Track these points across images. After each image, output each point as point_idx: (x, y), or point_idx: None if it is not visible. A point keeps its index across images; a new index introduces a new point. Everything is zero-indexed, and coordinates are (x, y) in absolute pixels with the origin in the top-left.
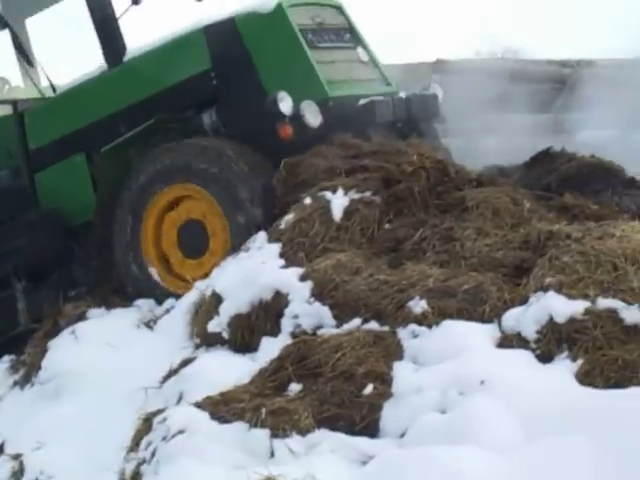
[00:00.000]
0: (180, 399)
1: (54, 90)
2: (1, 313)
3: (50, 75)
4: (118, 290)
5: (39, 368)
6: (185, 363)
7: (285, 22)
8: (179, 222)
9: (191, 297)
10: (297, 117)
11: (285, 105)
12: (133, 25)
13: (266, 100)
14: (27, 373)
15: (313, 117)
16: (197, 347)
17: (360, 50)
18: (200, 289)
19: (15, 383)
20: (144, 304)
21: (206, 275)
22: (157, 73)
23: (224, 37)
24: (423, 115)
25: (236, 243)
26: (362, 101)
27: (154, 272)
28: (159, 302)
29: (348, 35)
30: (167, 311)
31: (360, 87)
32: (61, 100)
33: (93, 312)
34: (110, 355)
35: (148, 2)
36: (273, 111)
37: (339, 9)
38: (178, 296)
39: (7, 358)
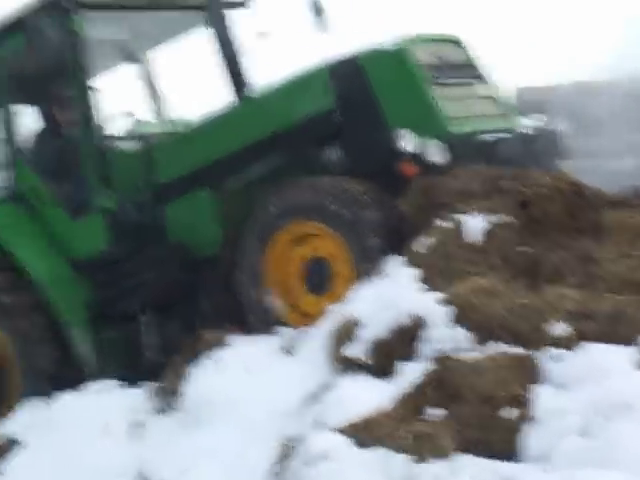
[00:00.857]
0: (320, 424)
1: (182, 125)
2: (127, 346)
3: (179, 109)
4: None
5: (180, 394)
6: (324, 388)
7: (407, 60)
8: (305, 257)
9: (329, 322)
10: (420, 155)
11: (407, 143)
12: (260, 60)
13: (389, 138)
14: (168, 400)
15: (437, 155)
16: (336, 372)
17: (481, 85)
18: (338, 314)
19: (156, 409)
20: (283, 330)
21: (325, 312)
22: (282, 110)
23: (348, 75)
24: (546, 152)
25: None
26: (485, 138)
27: (274, 302)
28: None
29: (469, 70)
30: (305, 337)
31: (482, 123)
32: (189, 135)
33: (233, 338)
34: (250, 381)
35: (274, 36)
36: (396, 149)
37: (459, 45)
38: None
39: (146, 384)
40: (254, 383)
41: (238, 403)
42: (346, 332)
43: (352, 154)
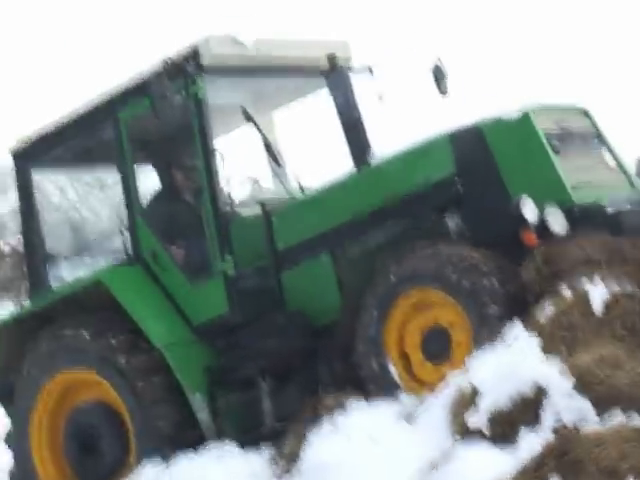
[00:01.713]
0: None
1: (302, 191)
2: (246, 411)
3: (299, 175)
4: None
5: (299, 459)
6: (445, 458)
7: (531, 129)
8: (424, 326)
9: (449, 391)
10: (542, 224)
11: (529, 211)
12: (381, 124)
13: (510, 207)
14: (287, 464)
15: (558, 224)
16: (456, 441)
17: (606, 154)
18: (458, 383)
19: (275, 475)
20: (403, 397)
21: (443, 383)
22: (403, 177)
23: (470, 144)
24: None
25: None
26: (609, 209)
27: (393, 371)
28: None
29: (594, 139)
30: (426, 405)
31: (606, 192)
32: (309, 202)
33: (353, 404)
34: (370, 448)
35: (396, 101)
36: (517, 218)
37: (585, 113)
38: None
39: (267, 451)
40: (374, 450)
41: (358, 470)
42: (466, 401)
43: (473, 222)
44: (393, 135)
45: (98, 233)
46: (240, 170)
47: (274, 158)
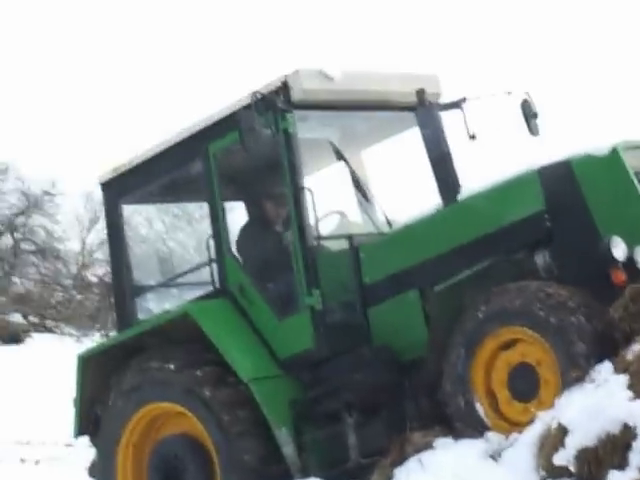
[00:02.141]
0: None
1: (390, 225)
2: (332, 446)
3: (386, 210)
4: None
5: None
6: None
7: (620, 166)
8: (512, 363)
9: (536, 429)
10: (631, 263)
11: (618, 250)
12: (470, 161)
13: (600, 244)
14: None
15: None
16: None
17: None
18: (545, 421)
19: None
20: (491, 435)
21: (530, 421)
22: (491, 213)
23: (559, 179)
24: None
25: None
26: None
27: (480, 409)
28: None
29: None
30: (512, 443)
31: None
32: (397, 236)
33: (440, 441)
34: None
35: (486, 138)
36: (606, 256)
37: None
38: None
39: None
40: None
41: None
42: (553, 439)
43: (561, 259)
44: (482, 172)
45: (185, 265)
46: (329, 205)
47: (363, 194)
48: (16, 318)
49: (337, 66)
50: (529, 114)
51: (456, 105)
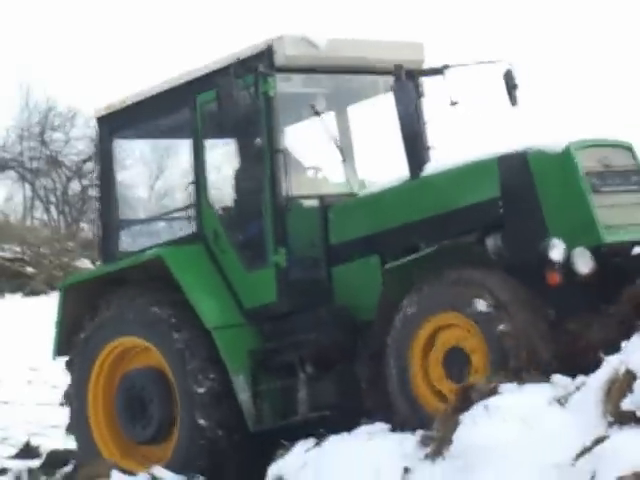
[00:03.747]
0: (593, 478)
1: (363, 186)
2: (284, 398)
3: (364, 169)
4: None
5: (450, 442)
6: (598, 441)
7: (571, 165)
8: (446, 346)
9: (604, 373)
10: (567, 264)
11: (556, 252)
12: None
13: (539, 245)
14: (438, 447)
15: (584, 265)
16: (610, 425)
17: None
18: (613, 365)
19: (426, 456)
20: (559, 379)
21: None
22: (450, 193)
23: (515, 169)
24: None
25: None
26: (636, 249)
27: (415, 385)
28: (572, 377)
29: (635, 177)
30: (579, 388)
31: (638, 232)
32: (363, 202)
33: (505, 387)
34: (522, 431)
35: (465, 106)
36: (544, 257)
37: (630, 150)
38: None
39: (419, 433)
40: (527, 434)
41: (511, 453)
42: (621, 385)
43: (511, 245)
44: (461, 139)
45: (171, 204)
46: (307, 160)
47: (341, 151)
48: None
49: (321, 33)
50: (511, 84)
51: (438, 71)
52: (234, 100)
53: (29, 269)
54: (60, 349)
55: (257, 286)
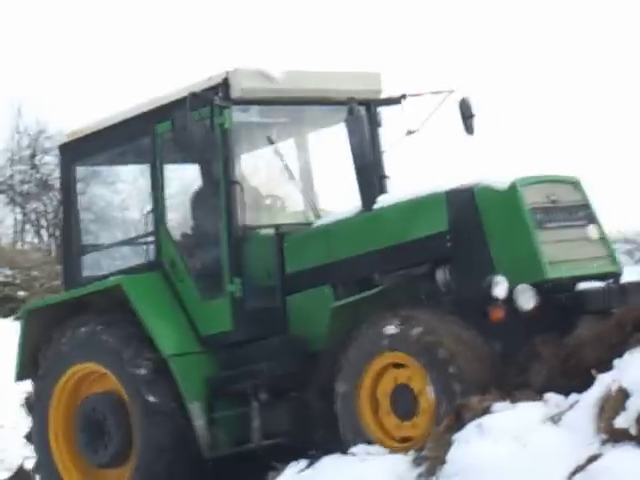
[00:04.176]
0: None
1: (318, 216)
2: (238, 426)
3: (320, 198)
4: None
5: (444, 462)
6: (591, 460)
7: (516, 201)
8: (394, 383)
9: (596, 391)
10: (510, 300)
11: (499, 289)
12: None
13: (482, 282)
14: (431, 467)
15: (526, 301)
16: (603, 443)
17: (591, 227)
18: (605, 383)
19: (419, 476)
20: (550, 397)
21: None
22: (400, 226)
23: (462, 204)
24: None
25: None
26: (579, 285)
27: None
28: (566, 395)
29: (581, 212)
30: (572, 406)
31: (582, 268)
32: (317, 232)
33: (498, 405)
34: (515, 450)
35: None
36: (487, 294)
37: (577, 185)
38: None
39: (411, 452)
40: (520, 452)
41: (504, 473)
42: (614, 403)
43: (458, 279)
44: (417, 168)
45: (131, 231)
46: (264, 189)
47: (298, 181)
48: None
49: (277, 66)
50: (466, 113)
51: (395, 101)
52: (189, 132)
53: (20, 293)
54: (21, 374)
55: (213, 314)
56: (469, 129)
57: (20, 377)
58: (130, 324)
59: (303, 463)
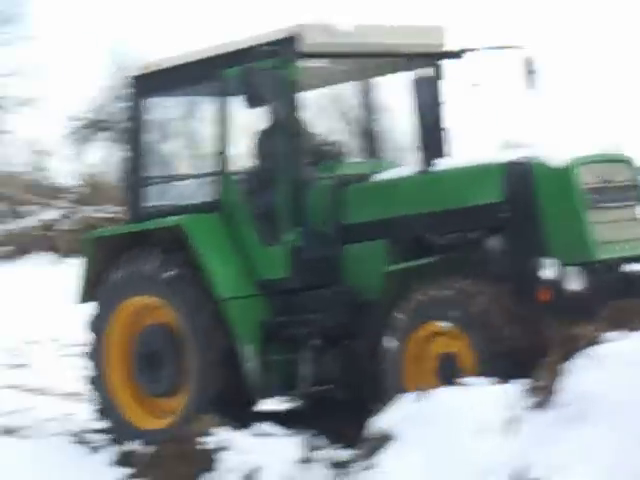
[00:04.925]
0: None
1: (383, 166)
2: (288, 372)
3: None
4: None
5: (558, 391)
6: None
7: (571, 181)
8: (439, 350)
9: None
10: (559, 281)
11: (548, 272)
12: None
13: (533, 260)
14: (543, 396)
15: (574, 283)
16: None
17: None
18: None
19: (533, 405)
20: None
21: None
22: (458, 192)
23: (519, 177)
24: None
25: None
26: (626, 268)
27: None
28: None
29: (632, 192)
30: None
31: (633, 248)
32: (378, 187)
33: (611, 335)
34: (633, 379)
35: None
36: (536, 274)
37: (628, 164)
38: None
39: (523, 382)
40: (636, 379)
41: (620, 402)
42: None
43: (509, 252)
44: (479, 123)
45: (196, 166)
46: (328, 137)
47: (364, 130)
48: None
49: (344, 19)
50: (529, 70)
51: (458, 55)
52: (256, 81)
53: None
54: (84, 297)
55: (271, 260)
56: (531, 85)
57: (83, 300)
58: (188, 262)
59: (413, 395)
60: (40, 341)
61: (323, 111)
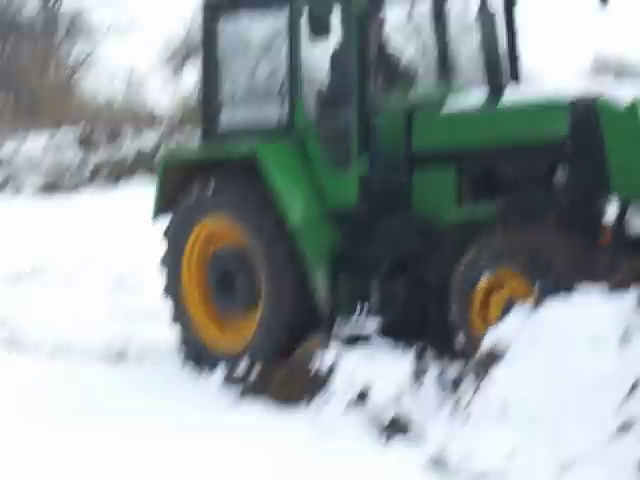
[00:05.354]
0: None
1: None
2: (356, 299)
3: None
4: None
5: None
6: None
7: (634, 120)
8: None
9: None
10: (621, 223)
11: (610, 214)
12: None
13: (596, 201)
14: None
15: (637, 225)
16: None
17: None
18: None
19: None
20: None
21: None
22: (523, 126)
23: (585, 113)
24: None
25: None
26: None
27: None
28: None
29: None
30: None
31: None
32: (446, 117)
33: None
34: None
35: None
36: (599, 216)
37: None
38: None
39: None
40: None
41: None
42: None
43: (572, 189)
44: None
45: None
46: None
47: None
48: None
49: None
50: None
51: None
52: (327, 10)
53: None
54: (157, 214)
55: (340, 187)
56: (603, 6)
57: (156, 216)
58: (261, 187)
59: (526, 308)
60: (147, 265)
61: (396, 31)
